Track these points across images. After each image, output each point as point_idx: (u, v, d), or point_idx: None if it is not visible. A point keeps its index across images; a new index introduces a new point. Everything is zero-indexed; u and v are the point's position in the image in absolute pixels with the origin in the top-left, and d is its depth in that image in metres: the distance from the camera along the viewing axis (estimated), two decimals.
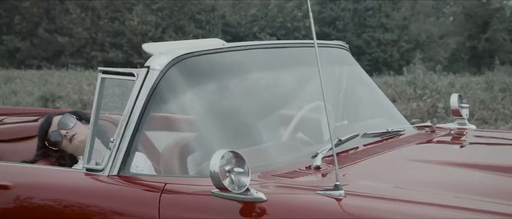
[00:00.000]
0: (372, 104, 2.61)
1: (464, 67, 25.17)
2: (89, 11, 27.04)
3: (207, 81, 2.09)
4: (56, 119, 2.47)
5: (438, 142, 2.35)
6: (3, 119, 3.05)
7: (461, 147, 2.41)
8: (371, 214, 1.55)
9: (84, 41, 26.89)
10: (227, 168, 1.62)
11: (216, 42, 2.37)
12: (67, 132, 2.43)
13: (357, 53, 25.13)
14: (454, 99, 2.57)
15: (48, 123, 2.47)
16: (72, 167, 2.34)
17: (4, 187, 2.02)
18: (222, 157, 1.61)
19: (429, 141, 2.33)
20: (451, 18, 31.79)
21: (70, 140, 2.42)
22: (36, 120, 2.87)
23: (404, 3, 28.42)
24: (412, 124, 2.59)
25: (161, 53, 1.99)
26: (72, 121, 2.45)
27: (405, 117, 2.82)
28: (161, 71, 1.93)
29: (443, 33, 29.44)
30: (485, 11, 28.31)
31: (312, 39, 1.80)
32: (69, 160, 2.43)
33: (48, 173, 2.11)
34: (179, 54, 1.98)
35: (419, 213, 1.54)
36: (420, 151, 2.20)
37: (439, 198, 1.63)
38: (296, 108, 2.20)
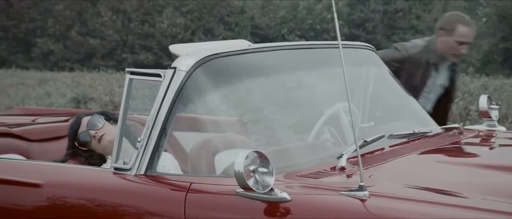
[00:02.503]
0: (399, 105, 2.59)
1: (497, 70, 24.66)
2: (120, 13, 27.40)
3: (232, 82, 2.11)
4: (85, 120, 2.52)
5: (466, 143, 2.32)
6: (35, 119, 3.12)
7: (490, 149, 2.37)
8: (395, 215, 1.54)
9: (115, 43, 27.25)
10: (252, 168, 1.63)
11: (242, 44, 2.38)
12: (96, 132, 2.47)
13: None
14: (483, 101, 2.53)
15: (77, 123, 2.52)
16: (101, 166, 2.39)
17: (36, 185, 2.08)
18: (247, 157, 1.62)
19: (457, 143, 2.30)
20: (484, 20, 31.18)
21: (99, 140, 2.47)
22: (66, 120, 2.92)
23: (435, 4, 28.01)
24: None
25: (187, 54, 2.01)
26: (100, 121, 2.49)
27: None
28: (187, 72, 1.95)
29: (475, 34, 28.89)
30: None
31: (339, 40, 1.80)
32: (98, 159, 2.47)
33: (78, 172, 2.15)
34: (205, 55, 2.00)
35: (445, 215, 1.52)
36: (447, 153, 2.17)
37: (466, 200, 1.61)
38: (322, 109, 2.20)
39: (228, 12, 27.36)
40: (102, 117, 2.52)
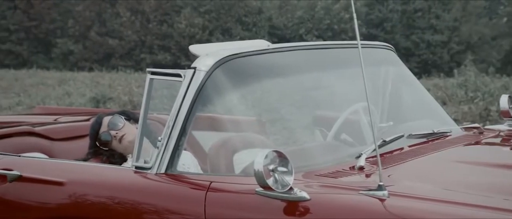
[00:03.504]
0: (418, 105, 2.58)
1: None
2: (139, 14, 27.57)
3: (252, 82, 2.12)
4: (106, 120, 2.55)
5: (486, 143, 2.31)
6: (57, 119, 3.16)
7: (511, 148, 2.36)
8: (414, 215, 1.54)
9: (133, 43, 27.44)
10: (271, 167, 1.65)
11: (261, 44, 2.40)
12: (116, 133, 2.50)
13: (406, 55, 24.68)
14: (503, 100, 2.52)
15: (98, 123, 2.56)
16: (122, 165, 2.42)
17: (59, 183, 2.12)
18: (266, 156, 1.64)
19: (477, 143, 2.29)
20: (505, 19, 30.77)
21: (120, 140, 2.50)
22: (87, 120, 2.96)
23: (455, 4, 27.72)
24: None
25: (207, 54, 2.03)
26: (121, 121, 2.52)
27: (456, 120, 2.77)
28: (207, 72, 1.97)
29: (496, 34, 28.54)
30: None
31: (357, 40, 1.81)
32: (119, 158, 2.50)
33: (99, 171, 2.19)
34: (225, 56, 2.02)
35: (464, 215, 1.52)
36: (467, 153, 2.16)
37: (486, 200, 1.61)
38: (340, 109, 2.21)
39: (245, 12, 27.38)
40: (123, 117, 2.55)
